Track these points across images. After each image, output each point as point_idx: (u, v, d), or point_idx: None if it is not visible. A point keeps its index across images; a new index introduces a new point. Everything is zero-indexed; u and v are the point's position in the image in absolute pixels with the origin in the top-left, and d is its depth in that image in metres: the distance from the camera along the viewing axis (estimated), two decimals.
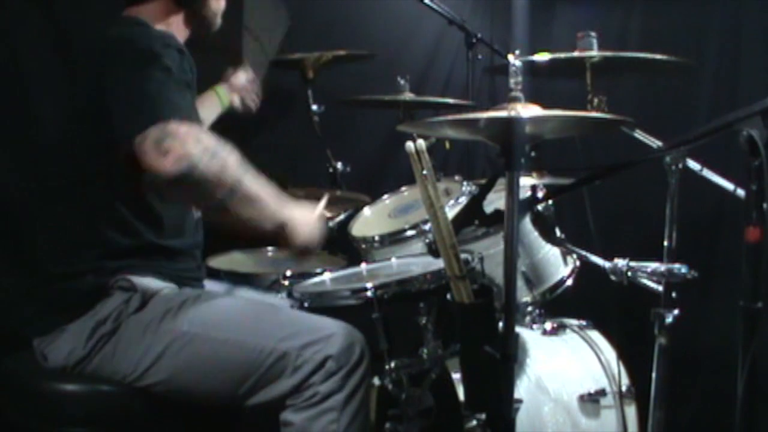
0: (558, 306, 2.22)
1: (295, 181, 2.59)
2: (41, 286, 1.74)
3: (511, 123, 1.42)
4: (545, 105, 1.46)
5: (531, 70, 2.04)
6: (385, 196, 2.47)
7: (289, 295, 1.86)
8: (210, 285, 1.92)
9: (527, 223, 2.01)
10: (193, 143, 1.52)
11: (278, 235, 1.70)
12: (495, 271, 1.90)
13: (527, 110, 1.43)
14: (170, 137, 1.51)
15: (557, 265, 2.18)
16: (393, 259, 2.10)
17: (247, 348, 1.61)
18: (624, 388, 2.01)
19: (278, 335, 1.62)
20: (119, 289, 1.66)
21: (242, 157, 1.61)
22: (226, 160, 1.56)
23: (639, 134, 2.03)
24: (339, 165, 2.71)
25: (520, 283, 2.10)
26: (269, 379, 1.61)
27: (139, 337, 1.63)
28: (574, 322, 2.20)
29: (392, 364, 1.83)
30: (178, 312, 1.65)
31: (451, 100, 2.78)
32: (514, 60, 1.52)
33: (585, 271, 2.08)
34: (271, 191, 1.66)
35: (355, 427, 1.62)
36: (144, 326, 1.64)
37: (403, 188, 2.46)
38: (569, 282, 2.18)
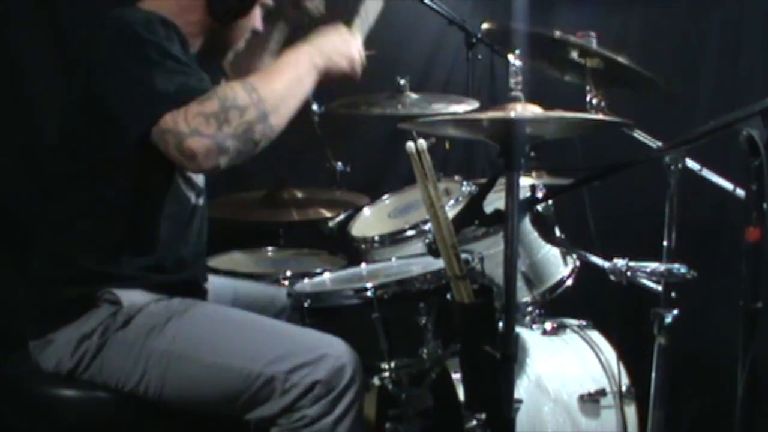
0: (558, 306, 2.22)
1: (295, 181, 2.60)
2: (33, 289, 1.72)
3: (511, 123, 1.42)
4: (545, 105, 1.47)
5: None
6: (385, 196, 2.47)
7: (289, 295, 1.85)
8: (212, 279, 1.91)
9: (527, 223, 2.01)
10: (204, 124, 1.48)
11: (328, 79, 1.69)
12: (495, 271, 1.90)
13: (527, 110, 1.43)
14: (185, 136, 1.47)
15: (557, 265, 2.18)
16: (393, 259, 2.10)
17: (234, 372, 1.59)
18: (624, 388, 2.01)
19: (266, 358, 1.59)
20: (106, 302, 1.64)
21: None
22: (236, 105, 1.51)
23: (639, 134, 2.03)
24: (339, 165, 2.71)
25: (520, 283, 2.10)
26: (257, 401, 1.59)
27: (125, 355, 1.61)
28: (574, 322, 2.20)
29: (392, 364, 1.83)
30: (164, 328, 1.62)
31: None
32: (514, 60, 1.52)
33: (585, 271, 2.08)
34: (288, 66, 1.63)
35: None
36: (129, 344, 1.61)
37: (403, 188, 2.46)
38: (569, 282, 2.18)
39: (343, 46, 1.74)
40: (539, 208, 1.94)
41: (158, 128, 1.49)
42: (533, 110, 1.44)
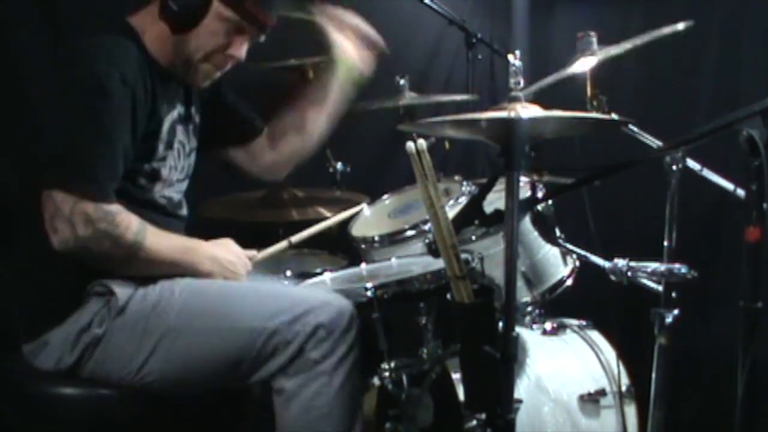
0: (558, 306, 2.22)
1: (295, 181, 2.60)
2: (22, 289, 1.74)
3: (511, 123, 1.42)
4: (545, 105, 1.46)
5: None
6: (385, 196, 2.47)
7: None
8: None
9: (527, 223, 2.01)
10: (83, 226, 1.57)
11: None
12: (495, 271, 1.90)
13: (527, 110, 1.42)
14: (60, 218, 1.57)
15: (557, 265, 2.18)
16: (393, 259, 2.10)
17: (237, 333, 1.63)
18: (624, 388, 2.01)
19: (266, 314, 1.64)
20: (96, 294, 1.66)
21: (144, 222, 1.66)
22: (119, 237, 1.60)
23: (639, 134, 2.03)
24: (339, 165, 2.70)
25: (520, 283, 2.10)
26: (264, 357, 1.63)
27: (127, 339, 1.64)
28: (574, 322, 2.20)
29: (392, 364, 1.83)
30: (163, 306, 1.65)
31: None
32: (514, 60, 1.52)
33: (585, 271, 2.08)
34: (182, 248, 1.73)
35: (347, 391, 1.65)
36: (131, 328, 1.64)
37: (403, 188, 2.46)
38: (569, 282, 2.18)
39: (233, 262, 1.81)
40: (539, 208, 1.93)
41: (49, 193, 1.59)
42: (533, 110, 1.43)
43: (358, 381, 1.71)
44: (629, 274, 1.67)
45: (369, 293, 1.74)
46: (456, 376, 1.83)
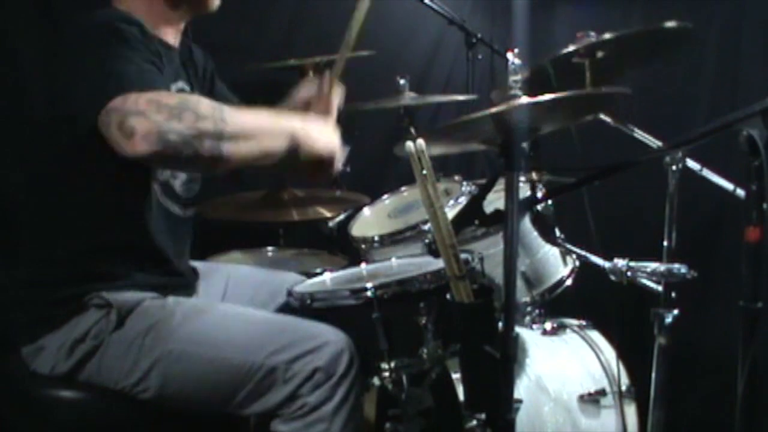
0: (558, 306, 2.22)
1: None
2: (21, 293, 1.71)
3: (507, 115, 1.41)
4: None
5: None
6: (385, 197, 2.47)
7: (290, 295, 1.85)
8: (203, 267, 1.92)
9: (527, 223, 2.01)
10: (155, 111, 1.40)
11: (292, 160, 1.56)
12: (495, 271, 1.90)
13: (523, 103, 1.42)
14: (130, 114, 1.39)
15: (557, 265, 2.18)
16: (393, 259, 2.10)
17: (236, 365, 1.60)
18: (624, 388, 2.01)
19: (266, 349, 1.60)
20: (94, 306, 1.63)
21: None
22: (196, 110, 1.43)
23: (639, 134, 2.03)
24: None
25: (520, 283, 2.10)
26: (259, 393, 1.60)
27: (124, 355, 1.61)
28: (574, 322, 2.20)
29: (392, 364, 1.83)
30: (163, 328, 1.62)
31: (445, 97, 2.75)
32: (513, 58, 1.52)
33: (585, 271, 2.08)
34: (266, 115, 1.55)
35: None
36: (128, 344, 1.61)
37: (403, 188, 2.46)
38: (569, 282, 2.18)
39: (327, 134, 1.65)
40: (539, 208, 1.93)
41: (106, 109, 1.41)
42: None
43: (360, 424, 1.66)
44: (629, 274, 1.67)
45: (369, 293, 1.74)
46: (456, 376, 1.83)
